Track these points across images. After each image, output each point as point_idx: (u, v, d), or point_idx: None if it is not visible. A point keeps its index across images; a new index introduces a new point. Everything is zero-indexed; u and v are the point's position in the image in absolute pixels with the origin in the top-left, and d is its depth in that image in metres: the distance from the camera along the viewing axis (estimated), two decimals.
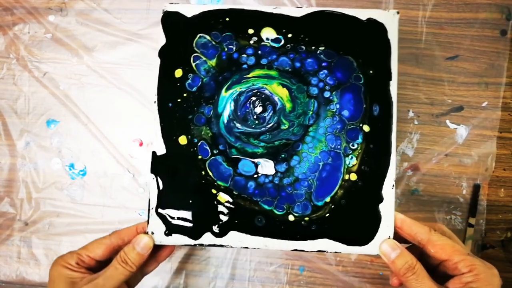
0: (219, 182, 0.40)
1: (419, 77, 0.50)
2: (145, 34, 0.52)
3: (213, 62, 0.41)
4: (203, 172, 0.40)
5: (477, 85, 0.49)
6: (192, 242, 0.39)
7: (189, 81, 0.41)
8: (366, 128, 0.40)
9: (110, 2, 0.52)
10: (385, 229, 0.38)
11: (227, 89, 0.41)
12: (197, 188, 0.40)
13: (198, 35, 0.41)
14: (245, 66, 0.41)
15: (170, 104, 0.41)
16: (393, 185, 0.39)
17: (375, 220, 0.39)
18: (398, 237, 0.38)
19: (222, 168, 0.40)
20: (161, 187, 0.40)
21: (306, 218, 0.39)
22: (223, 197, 0.40)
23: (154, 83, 0.54)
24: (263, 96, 0.41)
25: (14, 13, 0.53)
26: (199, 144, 0.40)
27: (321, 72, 0.40)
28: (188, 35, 0.41)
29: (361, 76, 0.40)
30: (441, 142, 0.50)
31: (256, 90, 0.41)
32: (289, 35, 0.41)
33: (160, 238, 0.39)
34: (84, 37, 0.53)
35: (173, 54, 0.41)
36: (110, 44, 0.52)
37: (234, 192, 0.40)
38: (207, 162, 0.40)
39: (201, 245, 0.39)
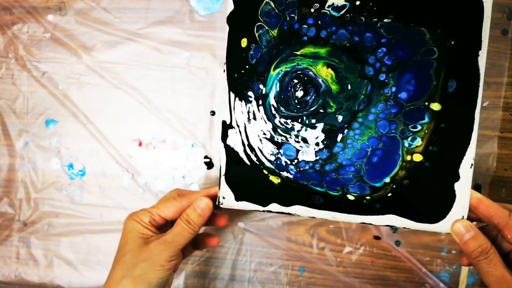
0: (266, 164, 0.40)
1: None
2: (144, 33, 0.51)
3: (274, 32, 0.39)
4: (253, 152, 0.40)
5: None
6: (260, 208, 0.40)
7: (251, 52, 0.39)
8: (435, 106, 0.36)
9: (110, 1, 0.52)
10: (459, 209, 0.36)
11: (275, 68, 0.39)
12: (252, 167, 0.40)
13: (264, 1, 0.38)
14: (305, 38, 0.38)
15: (236, 75, 0.40)
16: (472, 164, 0.36)
17: (449, 199, 0.37)
18: (471, 215, 0.37)
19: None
20: (228, 157, 0.41)
21: (368, 197, 0.38)
22: (274, 178, 0.40)
23: (151, 79, 0.53)
24: (306, 78, 0.38)
25: (13, 13, 0.53)
26: None
27: (379, 50, 0.36)
28: (255, 1, 0.39)
29: (435, 49, 0.36)
30: None
31: (300, 72, 0.38)
32: (357, 2, 0.36)
33: (231, 203, 0.41)
34: (83, 37, 0.52)
35: (239, 22, 0.39)
36: (110, 43, 0.52)
37: (281, 174, 0.40)
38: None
39: (269, 211, 0.40)
